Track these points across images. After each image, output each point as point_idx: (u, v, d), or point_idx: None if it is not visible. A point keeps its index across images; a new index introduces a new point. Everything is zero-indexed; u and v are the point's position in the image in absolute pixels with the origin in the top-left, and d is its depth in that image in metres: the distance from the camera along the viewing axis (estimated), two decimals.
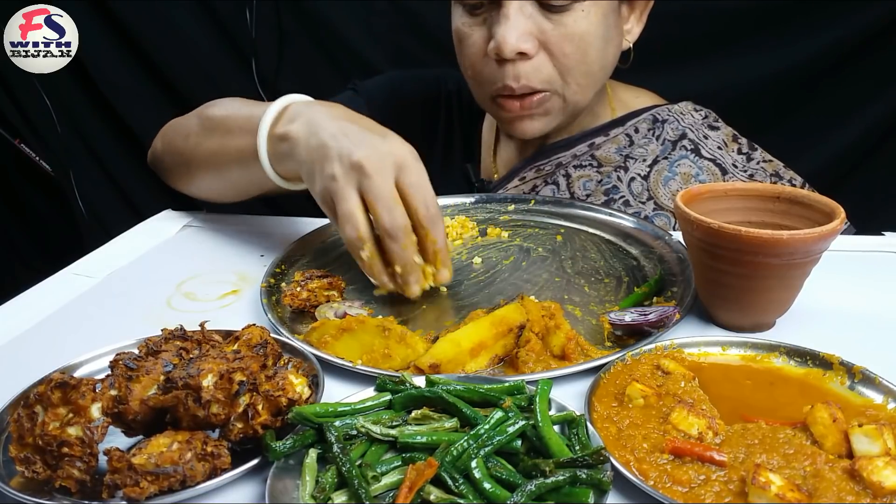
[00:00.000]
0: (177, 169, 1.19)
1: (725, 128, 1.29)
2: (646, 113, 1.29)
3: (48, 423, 0.56)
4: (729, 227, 0.73)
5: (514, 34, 1.08)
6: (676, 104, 1.30)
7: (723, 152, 1.25)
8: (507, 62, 1.11)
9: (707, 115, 1.29)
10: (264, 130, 0.94)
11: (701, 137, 1.25)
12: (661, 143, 1.26)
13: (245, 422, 0.60)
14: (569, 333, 0.76)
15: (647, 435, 0.61)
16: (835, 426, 0.59)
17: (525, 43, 1.09)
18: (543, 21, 1.10)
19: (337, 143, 0.85)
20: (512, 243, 1.09)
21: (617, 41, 1.20)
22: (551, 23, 1.10)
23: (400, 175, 0.84)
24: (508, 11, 1.08)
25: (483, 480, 0.54)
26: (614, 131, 1.28)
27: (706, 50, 1.86)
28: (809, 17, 1.79)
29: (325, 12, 2.08)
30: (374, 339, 0.75)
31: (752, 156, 1.26)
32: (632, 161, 1.26)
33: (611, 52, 1.19)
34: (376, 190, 0.83)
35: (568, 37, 1.10)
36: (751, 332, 0.81)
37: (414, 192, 0.84)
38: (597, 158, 1.27)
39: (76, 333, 0.87)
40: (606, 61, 1.19)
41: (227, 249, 1.11)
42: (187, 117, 1.17)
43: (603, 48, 1.15)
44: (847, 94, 1.84)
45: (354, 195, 0.84)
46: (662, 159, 1.25)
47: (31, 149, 2.31)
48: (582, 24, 1.10)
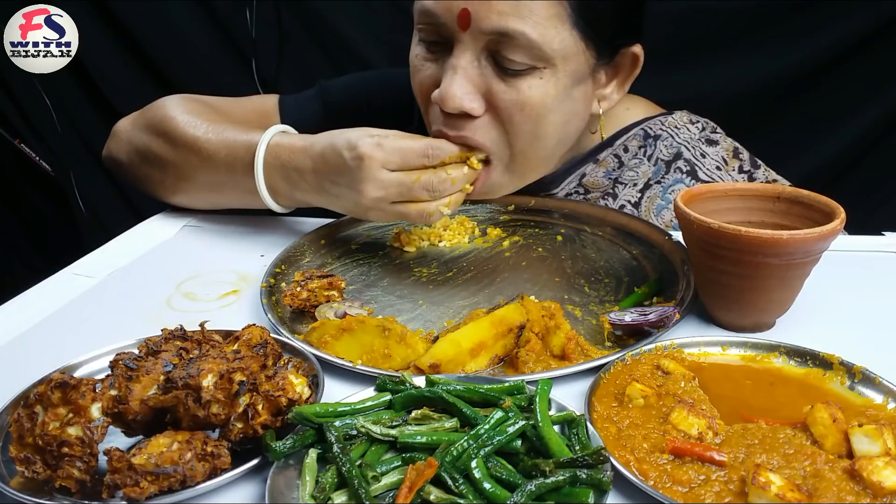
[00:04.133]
0: (156, 187, 1.20)
1: (725, 140, 1.20)
2: (636, 128, 1.18)
3: (48, 423, 0.56)
4: (729, 227, 0.73)
5: (459, 90, 0.95)
6: (671, 115, 1.20)
7: (721, 173, 1.15)
8: (450, 114, 0.99)
9: (704, 126, 1.20)
10: (263, 189, 1.04)
11: (698, 156, 1.15)
12: (654, 163, 1.16)
13: (245, 422, 0.60)
14: (569, 333, 0.76)
15: (647, 435, 0.61)
16: (835, 426, 0.59)
17: (470, 102, 0.96)
18: (496, 81, 0.96)
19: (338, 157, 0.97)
20: (512, 242, 1.09)
21: (583, 114, 1.07)
22: (504, 84, 0.96)
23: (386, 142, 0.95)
24: (458, 63, 0.96)
25: (483, 480, 0.54)
26: (603, 154, 1.17)
27: (704, 50, 1.86)
28: (808, 17, 1.79)
29: (325, 12, 2.08)
30: (374, 339, 0.75)
31: (755, 175, 1.17)
32: (621, 186, 1.16)
33: (573, 125, 1.06)
34: (396, 155, 0.94)
35: (519, 104, 0.96)
36: (751, 332, 0.81)
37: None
38: (584, 185, 1.18)
39: (76, 333, 0.87)
40: (565, 134, 1.06)
41: (227, 249, 1.11)
42: (143, 128, 1.17)
43: (562, 122, 1.02)
44: (845, 95, 1.85)
45: (384, 173, 0.95)
46: (655, 183, 1.15)
47: (31, 149, 2.31)
48: (536, 92, 0.96)
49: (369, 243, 1.12)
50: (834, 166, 1.90)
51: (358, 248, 1.10)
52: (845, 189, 1.83)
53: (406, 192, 0.96)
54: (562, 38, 0.95)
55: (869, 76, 1.81)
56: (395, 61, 2.02)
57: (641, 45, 1.06)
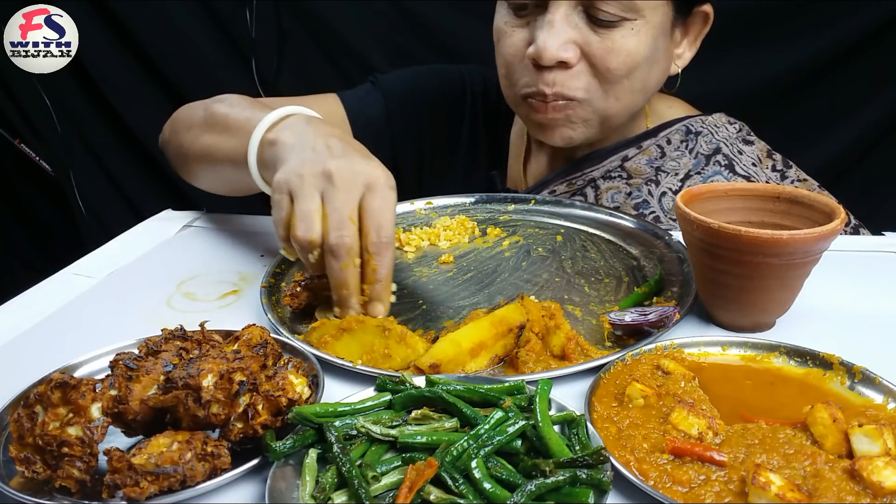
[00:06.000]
0: (177, 159, 1.19)
1: (759, 142, 1.25)
2: (678, 124, 1.24)
3: (48, 423, 0.56)
4: (729, 227, 0.73)
5: (556, 42, 1.04)
6: (710, 116, 1.26)
7: (757, 169, 1.21)
8: (544, 69, 1.08)
9: (741, 128, 1.26)
10: (257, 135, 0.93)
11: (735, 153, 1.21)
12: (695, 156, 1.21)
13: (245, 422, 0.60)
14: (569, 333, 0.76)
15: (647, 435, 0.61)
16: (835, 426, 0.59)
17: (566, 52, 1.05)
18: (589, 33, 1.06)
19: (315, 152, 0.84)
20: (512, 242, 1.09)
21: (664, 65, 1.16)
22: (598, 35, 1.06)
23: (366, 195, 0.81)
24: (554, 17, 1.05)
25: (483, 480, 0.54)
26: (646, 143, 1.23)
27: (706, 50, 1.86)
28: (809, 17, 1.79)
29: (325, 12, 2.08)
30: (374, 339, 0.75)
31: (787, 174, 1.22)
32: (663, 174, 1.21)
33: (655, 75, 1.15)
34: (336, 202, 0.80)
35: (614, 52, 1.06)
36: (751, 332, 0.81)
37: (372, 215, 0.81)
38: (626, 170, 1.23)
39: (76, 333, 0.87)
40: (650, 83, 1.15)
41: (227, 249, 1.11)
42: (195, 107, 1.15)
43: (648, 69, 1.11)
44: (846, 94, 1.85)
45: (318, 198, 0.81)
46: (695, 174, 1.20)
47: (31, 149, 2.31)
48: (630, 42, 1.06)
49: None
50: (834, 166, 1.90)
51: None
52: (845, 189, 1.83)
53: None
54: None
55: (869, 76, 1.81)
56: (396, 61, 2.03)
57: (711, 5, 1.15)
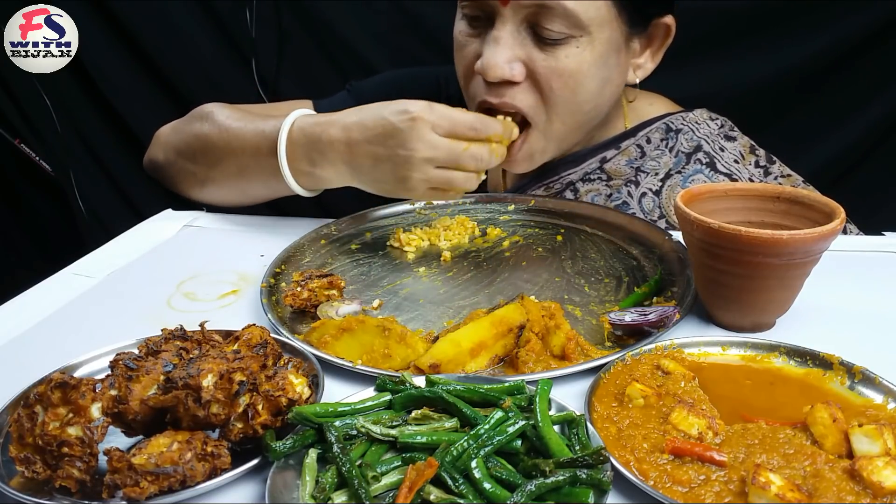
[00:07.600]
0: (188, 180, 1.21)
1: (742, 138, 1.24)
2: (658, 122, 1.23)
3: (48, 423, 0.56)
4: (729, 227, 0.73)
5: (500, 58, 1.03)
6: (691, 112, 1.25)
7: (739, 166, 1.19)
8: (492, 84, 1.07)
9: (723, 123, 1.25)
10: (285, 167, 1.04)
11: (717, 150, 1.20)
12: (675, 154, 1.20)
13: (245, 422, 0.60)
14: (569, 333, 0.76)
15: (647, 435, 0.61)
16: (835, 426, 0.59)
17: (511, 70, 1.04)
18: (534, 50, 1.04)
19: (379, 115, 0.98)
20: (512, 242, 1.09)
21: (618, 80, 1.13)
22: (543, 53, 1.04)
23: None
24: (500, 34, 1.03)
25: (483, 480, 0.54)
26: (626, 143, 1.22)
27: (706, 50, 1.86)
28: (809, 17, 1.79)
29: (325, 12, 2.08)
30: (374, 339, 0.75)
31: (770, 169, 1.21)
32: (643, 175, 1.20)
33: (608, 92, 1.13)
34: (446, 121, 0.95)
35: (557, 71, 1.04)
36: (751, 332, 0.81)
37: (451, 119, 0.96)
38: (606, 171, 1.22)
39: (76, 333, 0.87)
40: (600, 101, 1.12)
41: (227, 249, 1.11)
42: (183, 128, 1.19)
43: (597, 89, 1.09)
44: (846, 95, 1.84)
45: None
46: (675, 173, 1.19)
47: (31, 149, 2.31)
48: (573, 62, 1.04)
49: (369, 243, 1.12)
50: (834, 166, 1.90)
51: (358, 248, 1.10)
52: (845, 189, 1.83)
53: (454, 159, 0.98)
54: (597, 7, 1.02)
55: (870, 77, 1.81)
56: (396, 61, 2.03)
57: (672, 16, 1.13)
